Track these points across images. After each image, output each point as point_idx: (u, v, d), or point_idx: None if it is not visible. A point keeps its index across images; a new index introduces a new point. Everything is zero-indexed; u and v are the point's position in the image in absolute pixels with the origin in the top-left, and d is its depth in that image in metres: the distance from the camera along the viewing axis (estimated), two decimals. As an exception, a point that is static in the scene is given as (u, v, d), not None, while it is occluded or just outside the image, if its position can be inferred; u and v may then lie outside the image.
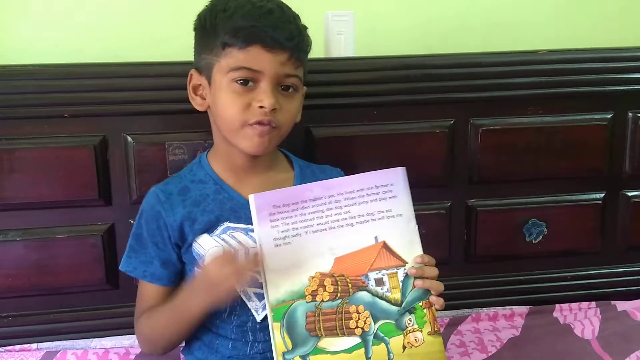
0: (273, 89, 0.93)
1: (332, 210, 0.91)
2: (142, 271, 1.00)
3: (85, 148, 1.18)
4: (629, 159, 1.37)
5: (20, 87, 1.15)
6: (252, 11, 0.91)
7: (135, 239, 1.01)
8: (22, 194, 1.18)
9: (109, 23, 1.25)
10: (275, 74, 0.92)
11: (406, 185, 0.94)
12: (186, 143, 1.20)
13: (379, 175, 0.93)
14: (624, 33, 1.42)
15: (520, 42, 1.37)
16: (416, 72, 1.26)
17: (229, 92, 0.93)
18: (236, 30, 0.91)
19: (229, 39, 0.91)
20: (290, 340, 0.88)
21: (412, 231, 0.94)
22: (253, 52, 0.91)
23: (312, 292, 0.90)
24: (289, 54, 0.92)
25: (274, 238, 0.89)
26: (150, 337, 1.01)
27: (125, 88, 1.18)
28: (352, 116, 1.27)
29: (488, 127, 1.31)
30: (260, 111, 0.92)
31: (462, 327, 1.31)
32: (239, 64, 0.91)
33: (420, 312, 0.92)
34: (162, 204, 0.98)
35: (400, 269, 0.92)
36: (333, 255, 0.91)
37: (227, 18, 0.92)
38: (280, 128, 0.96)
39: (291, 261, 0.90)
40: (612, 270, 1.42)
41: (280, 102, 0.94)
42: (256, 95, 0.92)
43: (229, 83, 0.93)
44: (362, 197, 0.92)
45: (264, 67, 0.91)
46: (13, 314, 1.23)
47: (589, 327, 1.29)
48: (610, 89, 1.33)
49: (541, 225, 1.36)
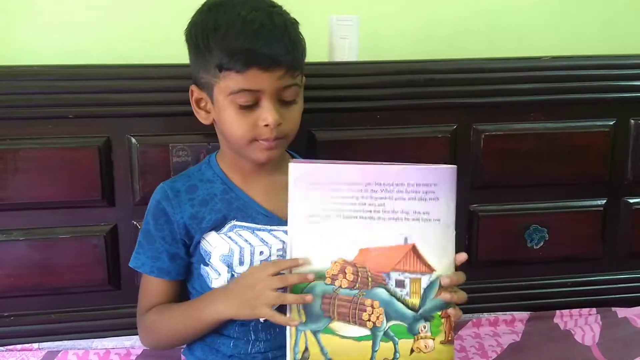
0: (275, 104, 0.93)
1: (366, 199, 0.87)
2: (150, 266, 1.01)
3: (89, 149, 1.19)
4: (631, 166, 1.38)
5: (25, 88, 1.16)
6: (244, 29, 0.90)
7: (144, 235, 1.02)
8: (26, 194, 1.18)
9: (114, 25, 1.25)
10: (275, 90, 0.93)
11: (452, 188, 0.87)
12: (190, 145, 1.21)
13: (425, 172, 0.87)
14: (628, 40, 1.42)
15: (523, 48, 1.37)
16: (419, 76, 1.26)
17: (233, 113, 0.94)
18: (232, 54, 0.90)
19: (225, 62, 0.91)
20: (305, 314, 0.89)
21: (447, 238, 0.88)
22: (251, 74, 0.91)
23: (333, 276, 0.88)
24: (286, 67, 0.92)
25: (305, 214, 0.88)
26: (158, 334, 1.02)
27: (129, 90, 1.19)
28: (355, 120, 1.27)
29: (491, 132, 1.31)
30: (266, 129, 0.93)
31: (463, 332, 1.31)
32: (238, 87, 0.92)
33: (437, 320, 0.89)
34: (170, 200, 1.00)
35: (425, 276, 0.88)
36: (358, 245, 0.88)
37: (221, 39, 0.91)
38: (287, 137, 0.97)
39: (317, 241, 0.88)
40: (613, 277, 1.42)
41: (283, 114, 0.94)
42: (260, 114, 0.93)
43: (231, 104, 0.94)
44: (400, 192, 0.87)
45: (263, 86, 0.92)
46: (15, 313, 1.23)
47: (589, 333, 1.29)
48: (613, 96, 1.34)
49: (543, 231, 1.37)
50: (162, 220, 1.00)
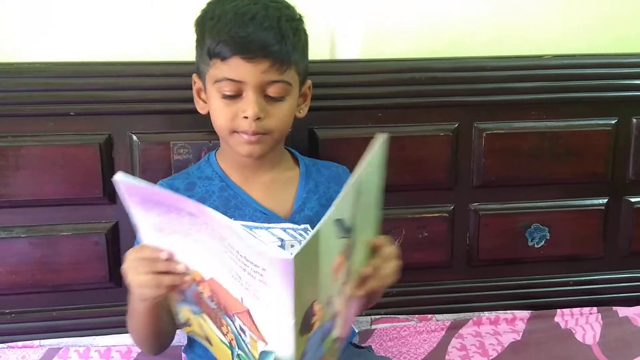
0: (257, 98, 0.92)
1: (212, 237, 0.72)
2: None
3: (90, 146, 1.19)
4: (632, 165, 1.37)
5: (27, 85, 1.16)
6: (234, 19, 0.90)
7: None
8: (27, 191, 1.18)
9: (115, 22, 1.25)
10: (258, 83, 0.92)
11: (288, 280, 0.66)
12: (191, 142, 1.21)
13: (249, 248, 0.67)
14: (630, 39, 1.42)
15: (525, 47, 1.37)
16: (421, 75, 1.26)
17: (218, 102, 0.95)
18: (218, 41, 0.91)
19: (213, 49, 0.91)
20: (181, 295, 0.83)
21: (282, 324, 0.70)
22: (234, 63, 0.90)
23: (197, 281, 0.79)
24: (271, 60, 0.90)
25: (150, 224, 0.77)
26: (134, 339, 0.99)
27: (131, 87, 1.19)
28: (356, 118, 1.27)
29: (492, 131, 1.31)
30: (245, 121, 0.93)
31: (463, 331, 1.31)
32: (222, 75, 0.92)
33: None
34: None
35: (260, 342, 0.74)
36: (209, 272, 0.77)
37: (212, 27, 0.92)
38: (272, 133, 0.96)
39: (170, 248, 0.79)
40: (614, 276, 1.43)
41: (267, 109, 0.94)
42: (241, 105, 0.93)
43: (217, 93, 0.94)
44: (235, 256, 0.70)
45: (246, 78, 0.91)
46: (16, 310, 1.23)
47: (590, 332, 1.29)
48: (614, 95, 1.34)
49: (544, 230, 1.37)
50: None
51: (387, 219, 1.30)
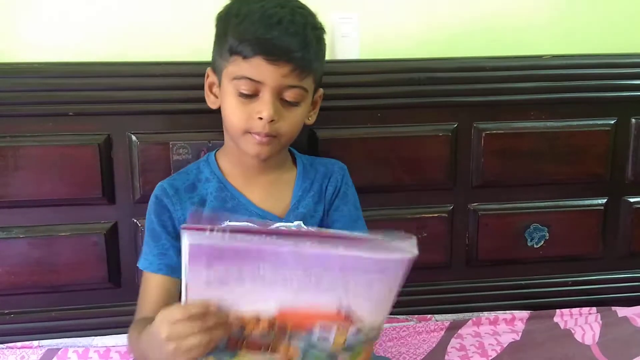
0: (274, 100, 0.93)
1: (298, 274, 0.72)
2: (158, 264, 0.99)
3: (89, 146, 1.19)
4: (631, 165, 1.38)
5: (26, 85, 1.16)
6: (261, 20, 0.90)
7: (149, 233, 1.02)
8: (26, 192, 1.18)
9: (115, 22, 1.25)
10: (277, 86, 0.92)
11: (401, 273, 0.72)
12: (190, 143, 1.21)
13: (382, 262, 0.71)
14: (629, 39, 1.42)
15: (524, 47, 1.37)
16: (420, 75, 1.26)
17: (233, 100, 0.94)
18: (242, 39, 0.91)
19: (235, 47, 0.91)
20: None
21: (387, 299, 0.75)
22: (255, 62, 0.91)
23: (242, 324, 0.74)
24: (293, 65, 0.91)
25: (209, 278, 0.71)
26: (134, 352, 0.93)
27: (130, 87, 1.19)
28: (356, 118, 1.27)
29: (491, 131, 1.31)
30: (259, 122, 0.93)
31: (463, 331, 1.31)
32: (242, 74, 0.92)
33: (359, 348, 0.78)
34: (170, 197, 1.00)
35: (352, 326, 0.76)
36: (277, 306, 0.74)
37: (237, 25, 0.92)
38: (282, 137, 0.96)
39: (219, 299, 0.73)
40: (613, 276, 1.43)
41: (282, 113, 0.94)
42: (257, 105, 0.93)
43: (233, 91, 0.94)
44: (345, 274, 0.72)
45: (265, 79, 0.91)
46: (15, 311, 1.23)
47: (589, 332, 1.29)
48: (613, 95, 1.34)
49: (543, 230, 1.37)
50: (165, 216, 1.00)
51: (387, 219, 1.31)
